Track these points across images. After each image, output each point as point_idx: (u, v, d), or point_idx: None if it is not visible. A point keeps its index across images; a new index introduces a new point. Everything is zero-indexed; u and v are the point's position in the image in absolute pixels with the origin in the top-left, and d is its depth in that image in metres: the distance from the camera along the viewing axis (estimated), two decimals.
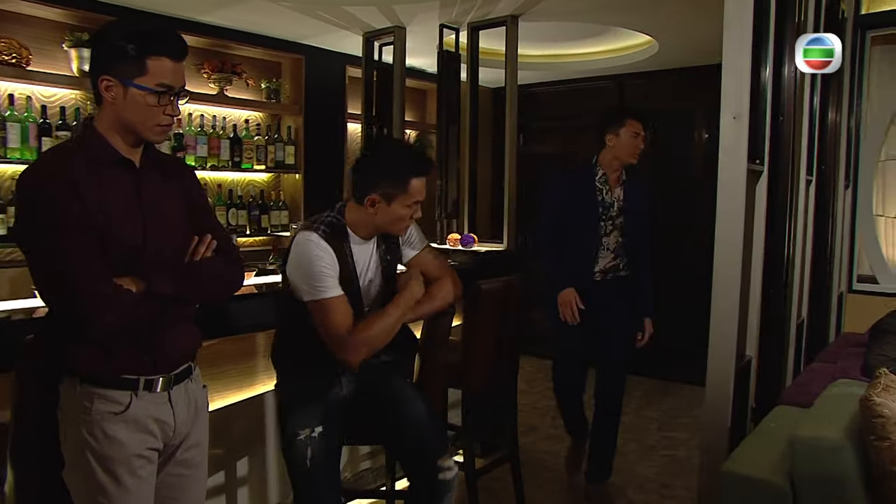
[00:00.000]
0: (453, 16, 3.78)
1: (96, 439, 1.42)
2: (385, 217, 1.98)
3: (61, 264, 1.34)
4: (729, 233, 1.98)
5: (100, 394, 1.44)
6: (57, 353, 1.45)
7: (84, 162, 1.42)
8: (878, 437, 1.75)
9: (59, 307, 1.41)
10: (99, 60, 1.45)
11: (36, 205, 1.37)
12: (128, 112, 1.44)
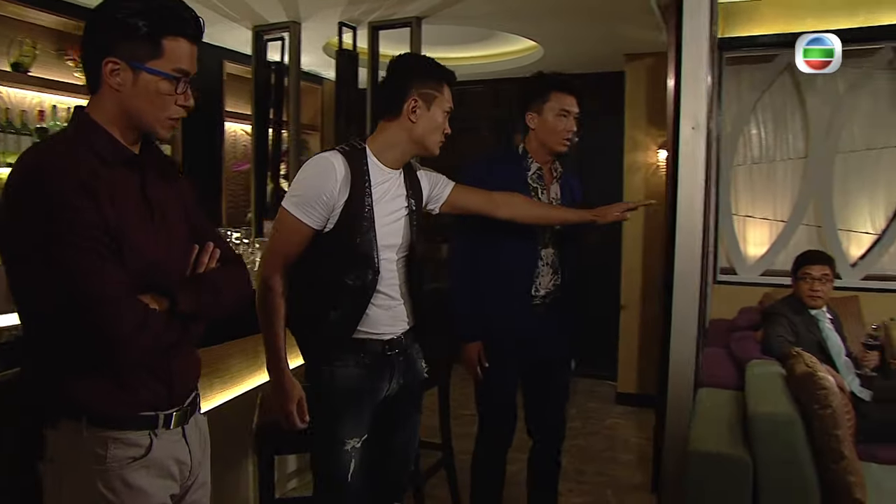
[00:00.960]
0: (356, 14, 3.69)
1: (115, 492, 1.20)
2: (426, 125, 1.82)
3: (81, 280, 1.12)
4: (689, 243, 2.14)
5: (115, 437, 1.21)
6: (49, 390, 1.20)
7: (91, 159, 1.20)
8: (821, 405, 2.01)
9: (72, 331, 1.16)
10: (102, 39, 1.22)
11: (41, 207, 1.12)
12: (136, 101, 1.23)
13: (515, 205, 2.15)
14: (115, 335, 1.12)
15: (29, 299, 1.18)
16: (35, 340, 1.22)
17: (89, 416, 1.19)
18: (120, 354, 1.16)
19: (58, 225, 1.11)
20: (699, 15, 2.09)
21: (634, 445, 4.00)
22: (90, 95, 1.27)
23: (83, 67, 1.27)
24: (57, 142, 1.27)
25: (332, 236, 1.78)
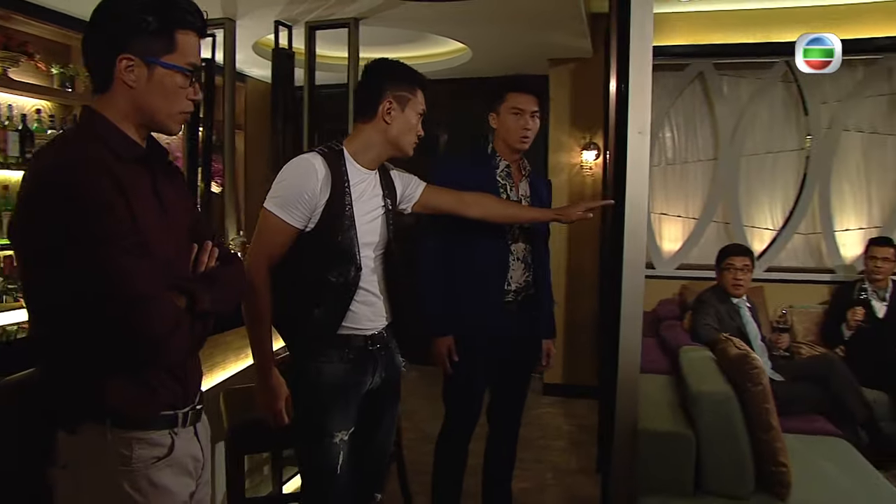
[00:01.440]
0: (294, 13, 3.68)
1: (142, 492, 1.20)
2: (400, 126, 1.88)
3: (117, 279, 1.10)
4: (636, 238, 2.29)
5: (140, 438, 1.21)
6: (70, 394, 1.18)
7: (107, 156, 1.19)
8: (753, 383, 2.24)
9: (100, 331, 1.14)
10: (114, 36, 1.21)
11: (74, 205, 1.10)
12: (151, 97, 1.23)
13: (485, 204, 2.24)
14: (152, 335, 1.12)
15: (54, 300, 1.15)
16: (55, 342, 1.19)
17: (113, 418, 1.18)
18: (156, 354, 1.16)
19: (92, 223, 1.10)
20: (645, 28, 2.26)
21: (566, 433, 4.20)
22: (96, 94, 1.25)
23: (90, 66, 1.25)
24: (73, 141, 1.24)
25: (314, 235, 1.82)
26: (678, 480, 2.26)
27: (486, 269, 2.42)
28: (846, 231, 4.49)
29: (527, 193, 2.53)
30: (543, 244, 2.57)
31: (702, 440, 2.24)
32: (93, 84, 1.26)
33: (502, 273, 2.43)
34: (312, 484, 1.86)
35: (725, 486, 2.22)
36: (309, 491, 1.87)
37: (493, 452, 2.68)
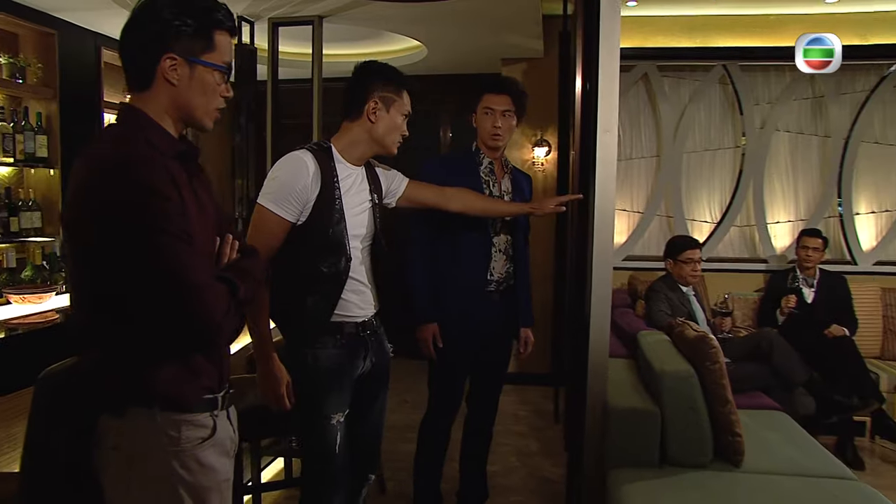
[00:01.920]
0: (259, 9, 3.69)
1: (190, 471, 1.27)
2: (384, 125, 1.99)
3: (176, 268, 1.17)
4: (604, 230, 2.46)
5: (187, 420, 1.27)
6: (119, 379, 1.24)
7: (157, 153, 1.25)
8: (711, 361, 2.46)
9: (167, 317, 1.19)
10: (158, 37, 1.26)
11: (134, 198, 1.15)
12: (191, 94, 1.30)
13: (465, 199, 2.37)
14: (208, 321, 1.19)
15: (115, 287, 1.19)
16: (107, 330, 1.23)
17: (161, 402, 1.24)
18: (212, 339, 1.23)
19: (153, 214, 1.16)
20: (613, 34, 2.43)
21: (523, 418, 4.38)
22: (134, 92, 1.31)
23: (130, 64, 1.30)
24: (125, 136, 1.27)
25: (306, 228, 1.91)
26: (645, 453, 2.45)
27: (469, 260, 2.56)
28: (777, 223, 4.85)
29: (508, 189, 2.67)
30: (523, 237, 2.72)
31: (666, 415, 2.44)
32: (130, 82, 1.31)
33: (485, 264, 2.57)
34: (313, 464, 1.95)
35: (687, 457, 2.43)
36: (310, 470, 1.96)
37: (471, 434, 2.82)
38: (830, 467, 2.50)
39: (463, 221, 2.47)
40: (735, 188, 4.84)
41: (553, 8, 4.37)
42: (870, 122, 4.72)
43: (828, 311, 4.06)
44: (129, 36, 1.29)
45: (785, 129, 4.83)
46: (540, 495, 3.23)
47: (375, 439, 2.16)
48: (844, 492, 2.27)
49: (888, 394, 3.80)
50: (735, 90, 4.77)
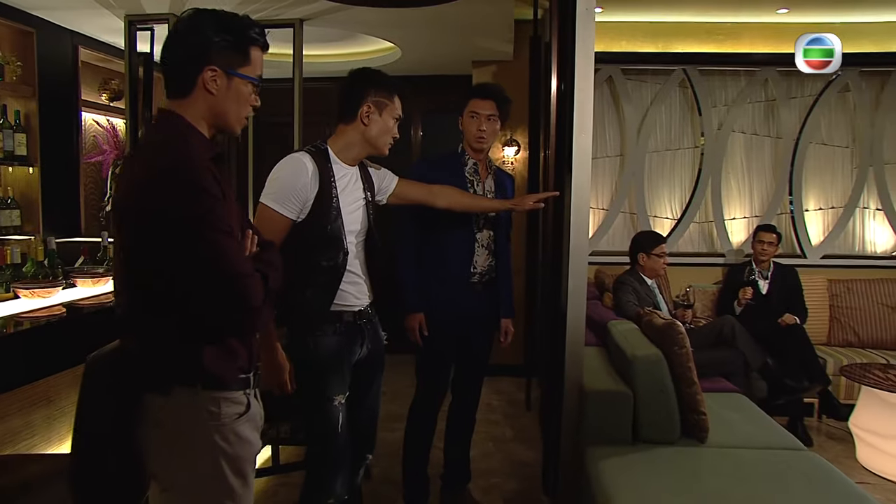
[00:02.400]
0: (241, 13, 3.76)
1: (230, 443, 1.40)
2: (376, 128, 2.14)
3: (223, 258, 1.30)
4: (580, 224, 2.64)
5: (226, 397, 1.40)
6: (165, 360, 1.36)
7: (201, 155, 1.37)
8: (679, 346, 2.67)
9: (213, 302, 1.32)
10: (201, 51, 1.40)
11: (187, 196, 1.28)
12: (227, 102, 1.43)
13: (450, 196, 2.52)
14: (250, 306, 1.32)
15: (160, 278, 1.31)
16: (154, 315, 1.35)
17: (203, 381, 1.37)
18: (252, 323, 1.36)
19: (203, 210, 1.29)
20: (588, 40, 2.62)
21: (497, 407, 4.56)
22: (173, 98, 1.43)
23: (172, 75, 1.42)
24: (173, 138, 1.39)
25: (306, 225, 2.05)
26: (618, 432, 2.65)
27: (454, 254, 2.72)
28: (734, 220, 5.14)
29: (492, 188, 2.84)
30: (505, 234, 2.88)
31: (637, 396, 2.64)
32: (170, 89, 1.43)
33: (468, 258, 2.73)
34: (317, 444, 2.09)
35: (658, 434, 2.63)
36: (314, 451, 2.10)
37: (455, 419, 2.99)
38: (785, 441, 2.74)
39: (448, 219, 2.63)
40: (694, 186, 5.10)
41: (523, 13, 4.54)
42: (817, 124, 5.04)
43: (781, 301, 4.35)
44: (172, 48, 1.42)
45: (740, 131, 5.12)
46: (516, 477, 3.41)
47: (372, 421, 2.30)
48: (797, 461, 2.50)
49: (834, 376, 4.11)
50: (694, 93, 5.03)
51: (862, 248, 5.12)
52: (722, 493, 2.23)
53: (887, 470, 3.32)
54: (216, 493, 1.40)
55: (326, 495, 2.06)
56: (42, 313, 2.15)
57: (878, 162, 4.98)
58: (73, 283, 2.42)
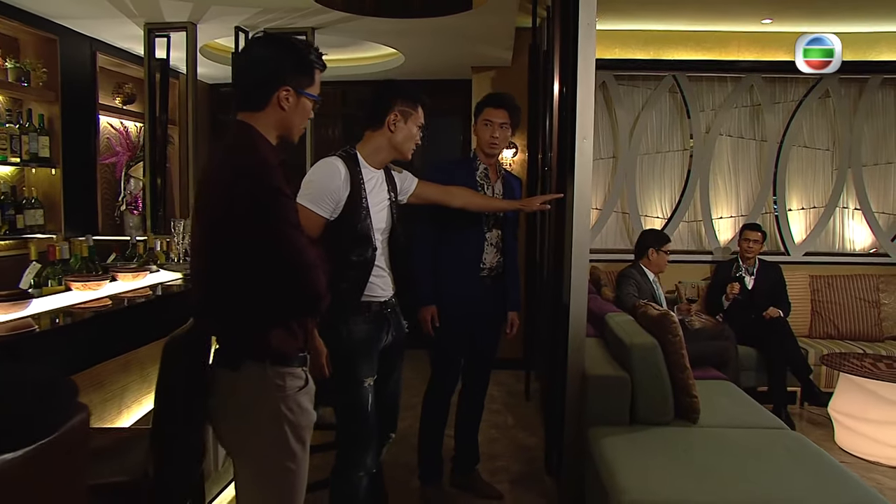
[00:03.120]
0: (258, 21, 3.97)
1: (293, 412, 1.60)
2: (402, 134, 2.34)
3: (297, 251, 1.51)
4: (581, 223, 2.86)
5: (289, 372, 1.61)
6: (239, 340, 1.57)
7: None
8: (672, 335, 2.90)
9: (293, 286, 1.53)
10: (277, 72, 1.61)
11: (266, 197, 1.49)
12: (295, 117, 1.65)
13: (464, 196, 2.75)
14: (317, 293, 1.54)
15: (238, 268, 1.51)
16: (231, 300, 1.56)
17: (271, 357, 1.57)
18: (317, 308, 1.57)
19: (280, 208, 1.50)
20: (589, 53, 2.84)
21: (498, 398, 4.77)
22: (246, 111, 1.63)
23: (248, 91, 1.63)
24: (251, 145, 1.59)
25: (338, 223, 2.25)
26: (617, 414, 2.87)
27: (466, 250, 2.94)
28: (721, 219, 5.40)
29: (500, 191, 3.06)
30: (512, 233, 3.10)
31: (635, 381, 2.87)
32: (244, 103, 1.63)
33: (478, 255, 2.96)
34: (351, 423, 2.28)
35: (653, 416, 2.86)
36: (348, 429, 2.29)
37: (465, 405, 3.20)
38: (770, 422, 2.99)
39: (461, 218, 2.85)
40: (683, 187, 5.36)
41: (521, 21, 4.77)
42: (799, 128, 5.31)
43: (765, 296, 4.61)
44: (250, 69, 1.64)
45: (727, 134, 5.38)
46: (520, 459, 3.64)
47: (395, 402, 2.51)
48: (780, 439, 2.74)
49: (815, 366, 4.37)
50: (683, 98, 5.28)
51: (842, 246, 5.40)
52: (712, 467, 2.46)
53: (862, 449, 3.58)
54: (280, 457, 1.60)
55: (358, 468, 2.27)
56: (91, 304, 2.34)
57: (857, 164, 5.26)
58: (115, 277, 2.61)
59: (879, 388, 3.51)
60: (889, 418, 3.47)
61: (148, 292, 2.62)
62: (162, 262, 3.06)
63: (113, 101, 4.86)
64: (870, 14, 4.63)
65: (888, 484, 3.27)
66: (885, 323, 4.89)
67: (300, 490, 1.67)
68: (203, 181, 1.62)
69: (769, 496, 2.24)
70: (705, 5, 4.53)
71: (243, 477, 1.64)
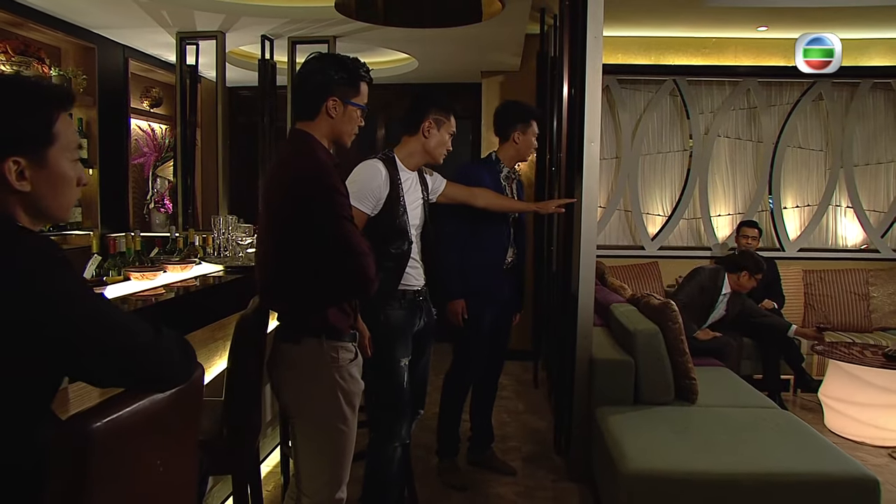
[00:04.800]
0: (283, 30, 4.23)
1: (345, 381, 1.86)
2: (435, 140, 2.60)
3: (353, 241, 1.76)
4: (589, 221, 3.12)
5: (342, 346, 1.86)
6: (301, 318, 1.82)
7: None
8: (672, 321, 3.16)
9: (348, 272, 1.77)
10: (326, 85, 1.85)
11: (326, 194, 1.74)
12: (343, 125, 1.89)
13: (487, 197, 3.01)
14: (368, 277, 1.78)
15: (300, 255, 1.76)
16: (293, 283, 1.81)
17: (327, 333, 1.83)
18: (369, 289, 1.82)
19: (337, 207, 1.75)
20: (596, 60, 3.10)
21: (508, 385, 5.02)
22: (302, 120, 1.89)
23: (302, 102, 1.89)
24: (309, 150, 1.84)
25: (378, 219, 2.50)
26: (622, 394, 3.13)
27: (493, 249, 3.20)
28: (719, 216, 5.66)
29: (516, 192, 3.35)
30: (523, 230, 3.37)
31: (638, 364, 3.13)
32: (300, 113, 1.89)
33: (503, 252, 3.23)
34: (388, 398, 2.53)
35: (654, 396, 3.12)
36: (385, 404, 2.54)
37: (482, 388, 3.47)
38: (763, 403, 3.25)
39: (489, 219, 3.11)
40: (683, 186, 5.61)
41: (529, 28, 5.01)
42: (794, 130, 5.56)
43: (761, 289, 4.83)
44: (303, 83, 1.88)
45: (725, 135, 5.63)
46: (531, 440, 3.90)
47: (424, 381, 2.77)
48: (772, 417, 3.00)
49: (807, 355, 4.62)
50: (683, 101, 5.54)
51: (834, 242, 5.66)
52: (708, 440, 2.72)
53: (849, 430, 3.85)
54: (334, 419, 1.85)
55: (394, 440, 2.52)
56: (148, 293, 2.59)
57: (848, 164, 5.52)
58: (164, 269, 2.86)
59: (865, 374, 3.77)
60: (874, 401, 3.73)
61: (195, 282, 2.88)
62: (201, 256, 3.31)
63: (141, 104, 5.11)
64: (860, 22, 4.88)
65: (871, 461, 3.53)
66: (874, 315, 5.15)
67: (349, 449, 1.92)
68: (268, 182, 1.87)
69: (760, 465, 2.50)
70: (704, 13, 4.79)
71: (302, 437, 1.89)
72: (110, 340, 1.06)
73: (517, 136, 3.19)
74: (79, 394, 1.88)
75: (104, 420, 0.97)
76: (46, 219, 1.18)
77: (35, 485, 1.05)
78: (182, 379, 1.16)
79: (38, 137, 1.11)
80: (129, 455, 1.05)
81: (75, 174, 1.18)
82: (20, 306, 0.98)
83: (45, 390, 1.11)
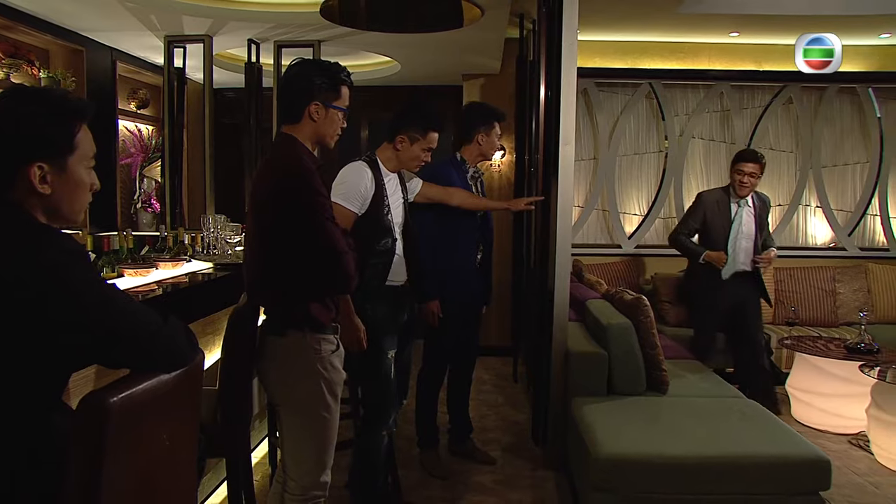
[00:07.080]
0: (269, 34, 4.33)
1: (328, 371, 1.97)
2: (406, 154, 2.74)
3: (332, 240, 1.87)
4: (564, 221, 3.27)
5: (324, 338, 1.98)
6: (286, 311, 1.94)
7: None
8: (644, 315, 3.31)
9: (329, 269, 1.88)
10: (307, 90, 1.96)
11: (307, 195, 1.85)
12: (325, 128, 2.00)
13: (461, 196, 3.16)
14: (350, 274, 1.91)
15: (285, 253, 1.87)
16: (278, 279, 1.93)
17: (310, 326, 1.94)
18: (349, 285, 1.94)
19: (319, 206, 1.87)
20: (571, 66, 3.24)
21: (488, 380, 5.18)
22: (287, 124, 2.00)
23: (286, 107, 2.00)
24: (294, 153, 1.95)
25: (365, 217, 2.63)
26: (596, 385, 3.27)
27: (465, 248, 3.35)
28: None
29: (481, 192, 3.51)
30: (491, 228, 3.53)
31: (611, 357, 3.27)
32: (285, 117, 2.00)
33: (474, 251, 3.39)
34: (377, 388, 2.66)
35: (627, 387, 3.27)
36: (374, 393, 2.67)
37: (458, 380, 3.61)
38: (730, 392, 3.41)
39: (461, 219, 3.25)
40: (659, 186, 5.79)
41: (509, 32, 5.16)
42: (765, 132, 5.76)
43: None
44: (287, 88, 2.00)
45: (699, 137, 5.82)
46: (510, 431, 4.05)
47: (407, 373, 2.90)
48: (738, 405, 3.17)
49: (776, 349, 4.81)
50: (659, 104, 5.71)
51: (804, 241, 5.87)
52: (677, 427, 2.88)
53: (814, 420, 4.04)
54: (317, 407, 1.97)
55: (381, 428, 2.67)
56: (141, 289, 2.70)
57: (817, 165, 5.73)
58: (156, 265, 2.97)
59: (828, 366, 3.95)
60: (836, 391, 3.91)
61: (185, 279, 2.98)
62: (191, 254, 3.42)
63: (128, 105, 5.19)
64: (826, 29, 5.02)
65: (832, 447, 3.71)
66: (840, 310, 5.35)
67: (332, 434, 2.04)
68: (255, 184, 1.99)
69: (723, 449, 2.66)
70: (678, 20, 4.96)
71: (287, 424, 2.01)
72: (127, 326, 1.18)
73: (481, 137, 3.33)
74: (77, 383, 1.98)
75: (120, 395, 1.10)
76: (60, 220, 1.29)
77: (50, 469, 1.16)
78: (186, 361, 1.28)
79: (62, 146, 1.22)
80: (139, 427, 1.17)
81: (90, 181, 1.29)
82: (48, 297, 1.10)
83: (60, 377, 1.23)
